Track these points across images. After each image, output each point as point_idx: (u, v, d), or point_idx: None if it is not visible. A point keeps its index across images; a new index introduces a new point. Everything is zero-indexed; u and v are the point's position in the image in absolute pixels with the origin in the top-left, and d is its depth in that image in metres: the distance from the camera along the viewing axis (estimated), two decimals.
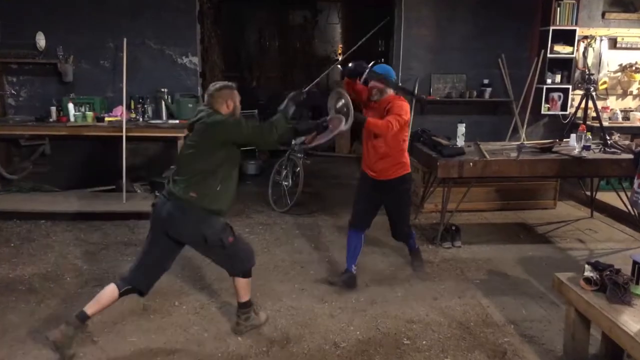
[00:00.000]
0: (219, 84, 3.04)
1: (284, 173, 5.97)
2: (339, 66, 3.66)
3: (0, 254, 4.34)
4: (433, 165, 4.68)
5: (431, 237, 4.89)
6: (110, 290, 2.91)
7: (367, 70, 3.60)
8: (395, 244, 4.73)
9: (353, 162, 8.20)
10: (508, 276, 4.14)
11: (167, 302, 3.56)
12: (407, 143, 3.87)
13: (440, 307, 3.58)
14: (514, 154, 4.72)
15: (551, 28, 6.24)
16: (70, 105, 5.66)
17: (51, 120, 5.70)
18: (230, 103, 2.99)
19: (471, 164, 4.52)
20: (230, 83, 3.08)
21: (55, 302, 3.50)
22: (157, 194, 2.98)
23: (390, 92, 3.68)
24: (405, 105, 3.62)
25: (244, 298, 3.15)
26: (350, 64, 3.67)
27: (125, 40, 5.75)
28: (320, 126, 3.28)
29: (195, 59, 6.26)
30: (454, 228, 4.79)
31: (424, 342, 3.14)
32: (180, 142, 5.66)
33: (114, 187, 5.91)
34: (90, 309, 2.86)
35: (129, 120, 5.60)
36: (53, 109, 5.75)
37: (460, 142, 4.97)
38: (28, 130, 5.68)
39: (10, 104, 6.15)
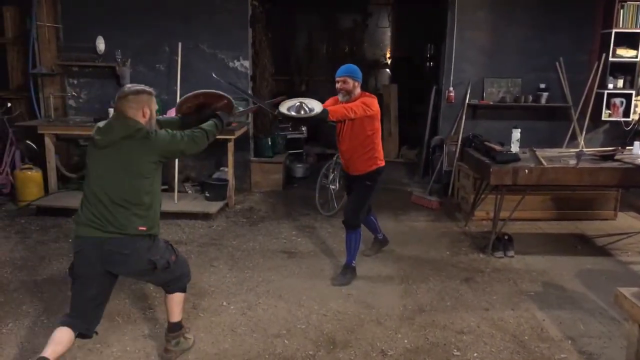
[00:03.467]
0: (136, 86, 2.65)
1: (331, 176, 5.95)
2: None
3: (60, 249, 4.52)
4: (485, 172, 4.54)
5: (482, 246, 4.74)
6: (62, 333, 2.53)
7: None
8: (443, 255, 4.63)
9: (401, 167, 8.10)
10: (565, 289, 3.95)
11: (216, 302, 3.60)
12: (378, 137, 3.91)
13: (492, 319, 3.46)
14: (572, 162, 4.51)
15: (614, 31, 5.97)
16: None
17: None
18: (147, 110, 2.61)
19: (526, 171, 4.35)
20: (148, 88, 2.69)
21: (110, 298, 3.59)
22: (77, 234, 2.58)
23: (358, 90, 3.79)
24: (373, 100, 3.73)
25: (177, 317, 2.88)
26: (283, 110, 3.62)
27: (180, 44, 5.90)
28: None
29: (247, 63, 6.35)
30: (506, 237, 4.63)
31: (474, 355, 3.03)
32: (230, 145, 5.77)
33: (166, 187, 6.06)
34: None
35: None
36: (111, 110, 5.96)
37: (514, 148, 4.79)
38: (86, 131, 5.89)
39: (71, 105, 6.44)
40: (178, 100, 5.83)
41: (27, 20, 6.11)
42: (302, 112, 3.53)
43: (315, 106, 3.56)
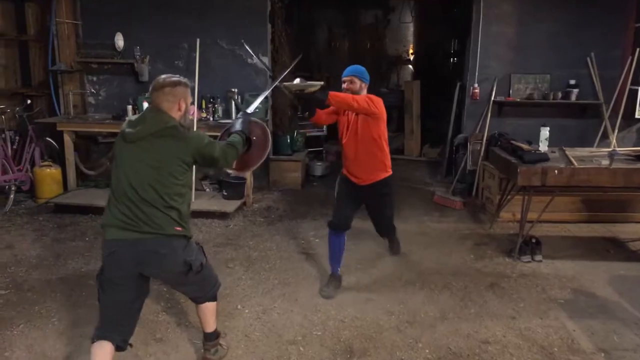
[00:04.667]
0: (172, 77, 2.48)
1: None
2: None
3: (76, 247, 4.49)
4: (512, 172, 4.34)
5: (508, 249, 4.54)
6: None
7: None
8: (467, 259, 4.47)
9: (423, 166, 7.90)
10: (596, 297, 3.74)
11: (230, 305, 3.49)
12: (386, 143, 3.58)
13: (519, 328, 3.28)
14: (605, 162, 4.28)
15: None
16: (145, 105, 5.79)
17: (127, 118, 5.86)
18: (182, 104, 2.46)
19: (556, 171, 4.14)
20: (184, 79, 2.52)
21: None
22: (109, 237, 2.38)
23: (364, 92, 3.50)
24: (379, 99, 3.42)
25: (212, 326, 2.77)
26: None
27: (198, 40, 5.82)
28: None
29: (265, 59, 6.24)
30: (534, 241, 4.42)
31: None
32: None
33: None
34: None
35: (199, 120, 5.66)
36: (129, 107, 5.93)
37: (543, 147, 4.58)
38: (104, 128, 5.89)
39: (90, 102, 6.43)
40: (196, 96, 5.83)
41: (47, 17, 6.11)
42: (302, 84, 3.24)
43: (316, 84, 3.28)
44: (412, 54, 9.95)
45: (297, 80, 3.28)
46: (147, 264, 2.40)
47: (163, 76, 2.49)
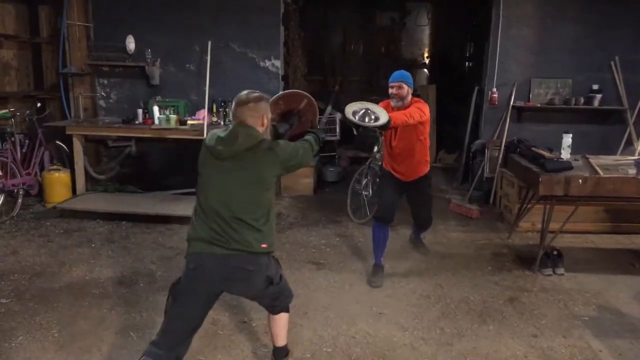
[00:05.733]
0: (254, 93, 2.47)
1: (364, 182, 5.63)
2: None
3: (82, 254, 4.39)
4: (533, 180, 4.15)
5: (528, 261, 4.34)
6: None
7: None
8: (484, 271, 4.28)
9: (439, 172, 7.70)
10: (622, 314, 3.53)
11: (237, 318, 3.36)
12: (428, 141, 3.94)
13: (541, 347, 3.09)
14: (632, 171, 4.07)
15: None
16: (155, 108, 5.71)
17: (137, 122, 5.79)
18: (265, 120, 2.46)
19: (580, 180, 3.95)
20: (267, 95, 2.54)
21: (125, 310, 3.41)
22: (195, 250, 2.37)
23: (409, 96, 3.75)
24: (426, 106, 3.72)
25: (284, 340, 2.74)
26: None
27: (209, 43, 5.72)
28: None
29: (278, 62, 6.12)
30: (555, 252, 4.22)
31: None
32: None
33: (194, 190, 5.89)
34: None
35: (210, 124, 5.55)
36: (139, 111, 5.84)
37: (565, 154, 4.39)
38: (114, 132, 5.81)
39: (101, 106, 6.35)
40: (207, 99, 5.73)
41: (58, 19, 6.06)
42: (367, 120, 3.43)
43: (379, 113, 3.47)
44: (427, 57, 9.75)
45: (358, 107, 3.45)
46: (234, 280, 2.40)
47: (245, 92, 2.49)
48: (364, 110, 3.47)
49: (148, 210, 5.30)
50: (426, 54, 9.75)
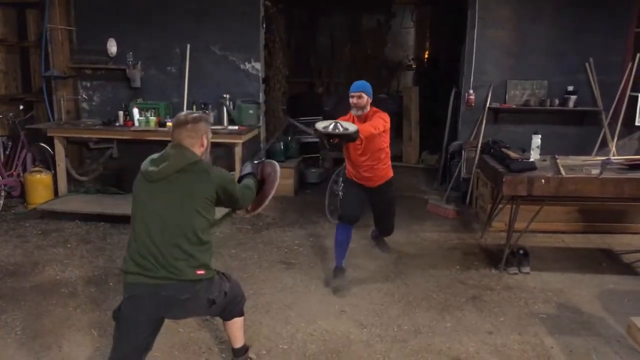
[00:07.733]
0: (193, 113, 2.46)
1: (341, 183, 5.69)
2: None
3: (56, 254, 4.46)
4: (499, 181, 4.21)
5: (496, 260, 4.40)
6: None
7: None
8: (452, 270, 4.34)
9: (421, 173, 7.77)
10: (581, 312, 3.59)
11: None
12: (388, 149, 4.05)
13: (494, 344, 3.15)
14: (595, 171, 4.13)
15: None
16: (135, 110, 5.79)
17: (117, 124, 5.87)
18: (204, 140, 2.43)
19: (543, 181, 4.00)
20: (205, 114, 2.49)
21: (91, 308, 3.49)
22: (128, 281, 2.36)
23: (369, 106, 3.87)
24: (387, 115, 3.85)
25: (242, 341, 2.76)
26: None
27: (188, 46, 5.82)
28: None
29: (258, 65, 6.19)
30: (521, 252, 4.28)
31: None
32: (237, 149, 5.62)
33: None
34: None
35: None
36: (120, 113, 5.92)
37: (534, 155, 4.46)
38: (95, 134, 5.89)
39: (84, 108, 6.44)
40: (185, 101, 5.82)
41: (41, 22, 6.15)
42: (337, 131, 3.54)
43: (348, 125, 3.60)
44: (412, 59, 9.82)
45: (327, 123, 3.60)
46: (169, 308, 2.38)
47: (184, 112, 2.47)
48: (333, 124, 3.59)
49: (126, 211, 5.28)
50: (411, 56, 9.83)
